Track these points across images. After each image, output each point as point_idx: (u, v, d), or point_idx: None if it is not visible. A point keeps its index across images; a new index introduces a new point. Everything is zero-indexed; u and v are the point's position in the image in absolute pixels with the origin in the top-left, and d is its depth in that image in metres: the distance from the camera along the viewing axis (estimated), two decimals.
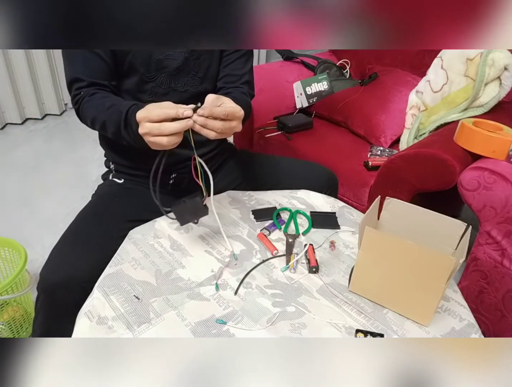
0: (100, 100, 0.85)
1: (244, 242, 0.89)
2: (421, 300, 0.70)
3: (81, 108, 0.88)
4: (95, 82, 0.87)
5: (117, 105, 0.81)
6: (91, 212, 0.93)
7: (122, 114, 0.78)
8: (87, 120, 0.88)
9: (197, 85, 0.97)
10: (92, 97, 0.86)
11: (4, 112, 2.45)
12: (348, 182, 1.40)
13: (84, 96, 0.86)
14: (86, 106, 0.86)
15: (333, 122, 1.73)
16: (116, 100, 0.84)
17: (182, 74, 0.94)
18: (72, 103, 0.90)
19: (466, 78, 1.36)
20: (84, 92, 0.87)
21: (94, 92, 0.87)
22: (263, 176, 1.10)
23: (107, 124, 0.83)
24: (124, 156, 1.00)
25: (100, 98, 0.85)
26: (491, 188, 1.02)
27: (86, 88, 0.87)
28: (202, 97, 0.96)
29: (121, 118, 0.78)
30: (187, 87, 0.96)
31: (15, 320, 1.20)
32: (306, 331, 0.69)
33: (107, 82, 0.89)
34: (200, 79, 0.97)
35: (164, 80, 0.93)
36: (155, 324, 0.69)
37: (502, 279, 1.07)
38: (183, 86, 0.95)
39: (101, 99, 0.85)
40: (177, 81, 0.94)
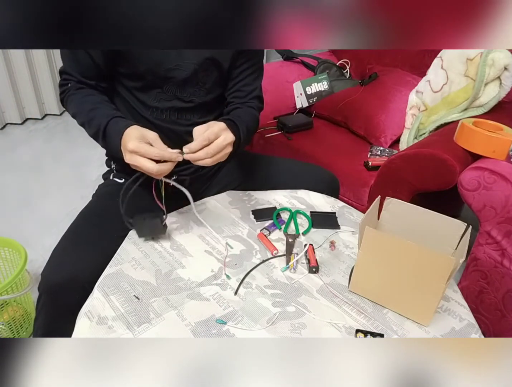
0: (83, 98, 0.87)
1: (244, 242, 0.89)
2: (421, 300, 0.70)
3: (65, 99, 0.90)
4: (83, 81, 0.89)
5: (97, 111, 0.84)
6: (91, 212, 0.93)
7: (101, 127, 0.81)
8: (70, 112, 0.91)
9: (202, 96, 0.96)
10: (77, 92, 0.88)
11: (4, 112, 2.45)
12: (348, 182, 1.40)
13: (70, 89, 0.89)
14: (70, 99, 0.89)
15: (333, 122, 1.73)
16: (97, 104, 0.86)
17: (189, 85, 0.93)
18: (59, 90, 0.92)
19: (466, 78, 1.36)
20: (71, 84, 0.89)
21: (80, 87, 0.89)
22: (263, 177, 1.10)
23: (86, 126, 0.86)
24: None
25: (84, 96, 0.87)
26: (491, 188, 1.02)
27: (73, 82, 0.89)
28: (207, 107, 0.98)
29: (100, 130, 0.82)
30: (192, 97, 0.95)
31: (15, 320, 1.20)
32: (306, 331, 0.69)
33: (94, 83, 0.90)
34: (206, 90, 0.96)
35: (170, 89, 0.92)
36: (155, 324, 0.69)
37: (502, 279, 1.07)
38: (188, 96, 0.94)
39: (85, 97, 0.87)
40: (183, 91, 0.93)
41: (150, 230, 0.87)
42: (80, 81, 0.89)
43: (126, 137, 0.76)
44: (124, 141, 0.76)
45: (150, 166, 0.73)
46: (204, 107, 0.98)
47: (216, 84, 0.98)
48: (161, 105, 0.93)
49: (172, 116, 0.95)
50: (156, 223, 0.85)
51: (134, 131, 0.77)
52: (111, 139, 0.81)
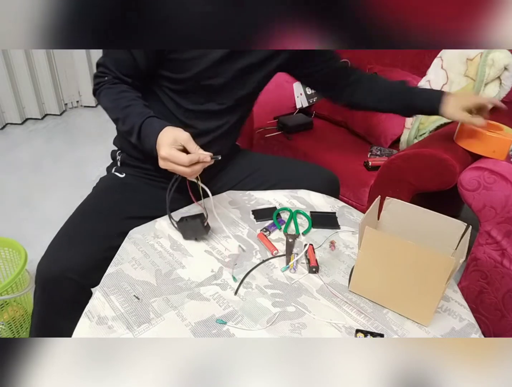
0: (119, 95, 0.87)
1: (244, 242, 0.89)
2: (421, 300, 0.70)
3: (99, 91, 0.90)
4: (119, 77, 0.89)
5: (133, 108, 0.84)
6: (88, 206, 0.94)
7: (136, 126, 0.82)
8: (102, 104, 0.91)
9: (237, 99, 0.97)
10: (113, 87, 0.88)
11: (4, 112, 2.45)
12: (348, 182, 1.40)
13: (106, 82, 0.89)
14: (104, 93, 0.89)
15: (333, 122, 1.73)
16: (133, 100, 0.87)
17: (226, 90, 0.94)
18: (94, 81, 0.92)
19: (466, 78, 1.36)
20: (108, 78, 0.89)
21: (115, 82, 0.89)
22: (263, 176, 1.10)
23: (119, 122, 0.86)
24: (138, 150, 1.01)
25: (120, 92, 0.88)
26: (491, 188, 1.02)
27: (110, 77, 0.89)
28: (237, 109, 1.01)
29: (135, 129, 0.82)
30: (225, 100, 0.96)
31: (15, 320, 1.20)
32: (306, 331, 0.69)
33: (131, 80, 0.90)
34: (242, 94, 0.97)
35: (206, 93, 0.93)
36: (155, 324, 0.69)
37: (502, 279, 1.07)
38: (221, 100, 0.96)
39: (120, 93, 0.87)
40: (218, 96, 0.95)
41: (193, 231, 0.88)
42: (117, 77, 0.89)
43: (160, 141, 0.77)
44: (158, 144, 0.77)
45: (183, 170, 0.76)
46: (235, 108, 1.00)
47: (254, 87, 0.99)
48: (195, 108, 0.94)
49: (204, 116, 0.97)
50: (197, 224, 0.85)
51: (167, 134, 0.77)
52: (146, 140, 0.81)
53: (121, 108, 0.85)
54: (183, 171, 0.76)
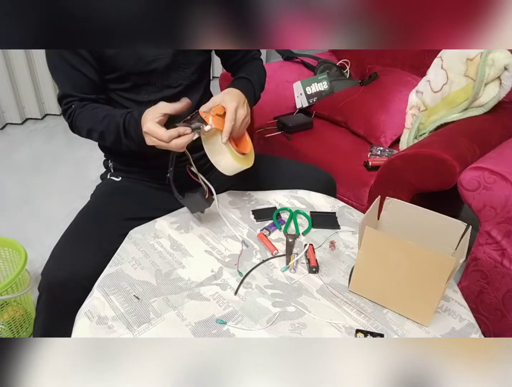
0: (92, 111, 0.89)
1: (244, 242, 0.89)
2: (421, 300, 0.70)
3: (74, 120, 0.91)
4: (84, 98, 0.91)
5: (111, 116, 0.86)
6: (90, 211, 0.94)
7: (120, 125, 0.84)
8: (82, 132, 0.91)
9: (189, 77, 0.97)
10: (84, 108, 0.90)
11: (4, 112, 2.45)
12: (348, 182, 1.40)
13: (76, 109, 0.90)
14: (80, 118, 0.89)
15: (333, 122, 1.73)
16: (108, 110, 0.88)
17: (173, 70, 0.94)
18: (65, 117, 0.93)
19: (466, 78, 1.36)
20: (75, 105, 0.90)
21: (85, 104, 0.90)
22: (262, 176, 1.10)
23: (105, 134, 0.87)
24: (122, 154, 1.01)
25: (92, 109, 0.89)
26: (491, 189, 1.02)
27: (76, 102, 0.90)
28: (196, 87, 1.00)
29: (120, 128, 0.84)
30: (180, 81, 0.96)
31: (15, 320, 1.20)
32: (306, 331, 0.69)
33: (94, 96, 0.91)
34: (191, 70, 0.97)
35: (157, 80, 0.93)
36: (155, 324, 0.69)
37: (502, 279, 1.07)
38: (176, 82, 0.96)
39: (93, 110, 0.89)
40: (169, 77, 0.94)
41: (196, 206, 0.91)
42: (82, 99, 0.90)
43: (142, 121, 0.79)
44: (142, 125, 0.79)
45: (165, 146, 0.78)
46: (193, 89, 1.00)
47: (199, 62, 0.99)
48: (152, 98, 0.94)
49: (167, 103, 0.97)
50: (198, 198, 0.87)
51: (147, 113, 0.80)
52: (132, 130, 0.83)
53: (100, 120, 0.87)
54: (165, 146, 0.78)
